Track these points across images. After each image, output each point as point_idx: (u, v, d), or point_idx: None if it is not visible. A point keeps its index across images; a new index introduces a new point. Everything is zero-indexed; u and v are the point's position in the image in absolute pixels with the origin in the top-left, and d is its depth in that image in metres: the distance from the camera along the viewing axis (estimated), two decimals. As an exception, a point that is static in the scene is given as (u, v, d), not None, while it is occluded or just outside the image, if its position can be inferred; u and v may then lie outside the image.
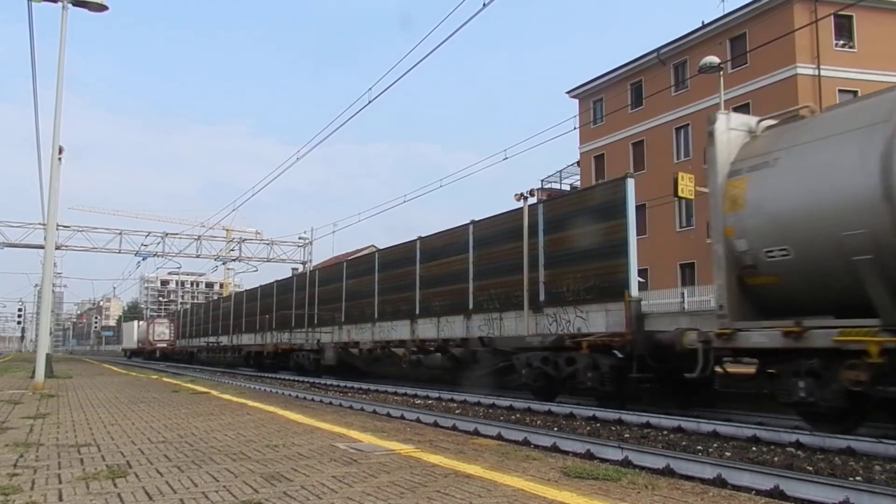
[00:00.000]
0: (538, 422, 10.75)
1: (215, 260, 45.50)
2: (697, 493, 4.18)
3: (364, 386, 18.91)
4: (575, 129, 32.66)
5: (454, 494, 3.91)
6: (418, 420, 10.49)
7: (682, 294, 24.55)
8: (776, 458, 7.19)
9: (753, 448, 7.88)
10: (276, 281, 33.99)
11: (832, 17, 29.91)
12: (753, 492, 5.22)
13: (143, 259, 43.39)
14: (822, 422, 8.52)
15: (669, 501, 3.91)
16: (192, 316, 51.52)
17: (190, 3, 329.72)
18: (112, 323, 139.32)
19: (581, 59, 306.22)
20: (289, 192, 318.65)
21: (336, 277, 26.07)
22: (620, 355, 12.06)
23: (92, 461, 5.08)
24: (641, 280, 13.61)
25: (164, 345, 54.11)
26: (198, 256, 43.64)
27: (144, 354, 57.86)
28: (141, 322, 68.40)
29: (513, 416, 11.50)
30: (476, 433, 9.01)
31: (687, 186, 17.62)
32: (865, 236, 7.89)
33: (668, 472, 6.16)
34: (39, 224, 35.96)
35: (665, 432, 9.23)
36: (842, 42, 31.28)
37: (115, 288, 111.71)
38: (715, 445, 8.05)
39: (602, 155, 41.09)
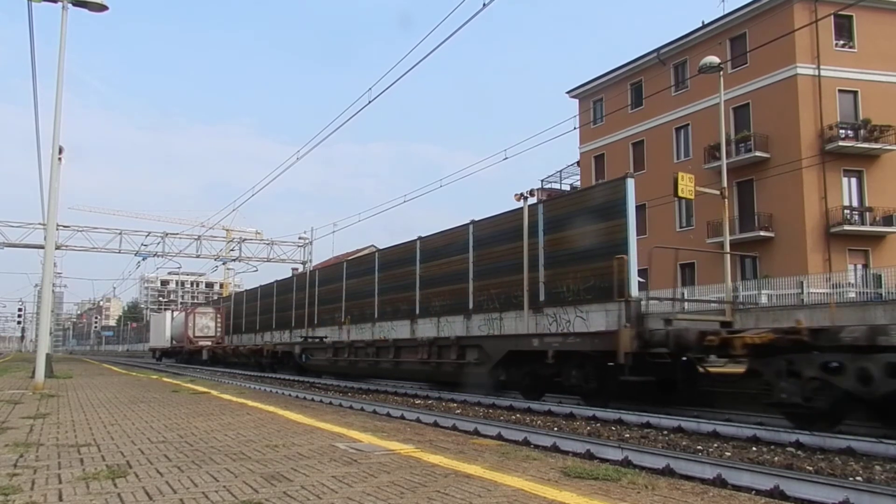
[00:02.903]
0: (538, 422, 10.74)
1: (215, 260, 45.63)
2: (697, 493, 4.18)
3: (364, 386, 18.91)
4: (575, 129, 32.75)
5: (454, 494, 3.91)
6: (418, 420, 10.47)
7: (682, 294, 24.52)
8: (776, 458, 7.18)
9: (753, 448, 7.87)
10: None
11: (832, 17, 29.95)
12: (753, 492, 5.22)
13: (143, 259, 43.55)
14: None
15: (669, 501, 3.91)
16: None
17: (190, 3, 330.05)
18: (112, 323, 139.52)
19: (581, 59, 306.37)
20: (289, 192, 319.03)
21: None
22: None
23: (92, 461, 5.08)
24: (641, 280, 13.57)
25: (210, 342, 40.95)
26: (198, 256, 43.83)
27: (182, 356, 43.34)
28: (176, 313, 52.36)
29: (513, 417, 11.49)
30: (476, 433, 9.00)
31: (687, 186, 17.62)
32: None
33: (668, 472, 6.15)
34: (39, 224, 36.09)
35: (665, 432, 9.23)
36: (842, 42, 31.30)
37: (115, 288, 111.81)
38: (715, 445, 8.04)
39: (602, 155, 41.13)
